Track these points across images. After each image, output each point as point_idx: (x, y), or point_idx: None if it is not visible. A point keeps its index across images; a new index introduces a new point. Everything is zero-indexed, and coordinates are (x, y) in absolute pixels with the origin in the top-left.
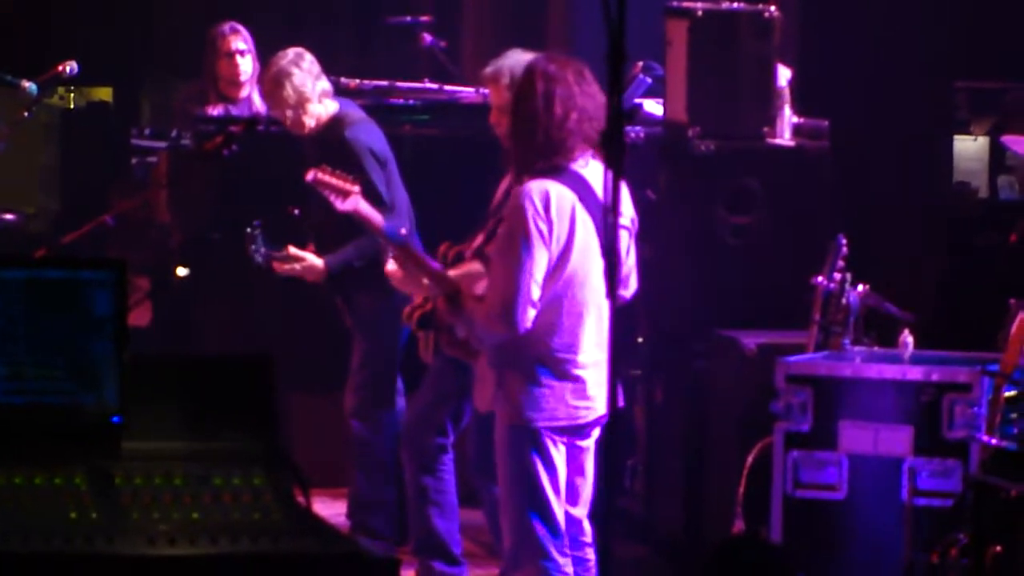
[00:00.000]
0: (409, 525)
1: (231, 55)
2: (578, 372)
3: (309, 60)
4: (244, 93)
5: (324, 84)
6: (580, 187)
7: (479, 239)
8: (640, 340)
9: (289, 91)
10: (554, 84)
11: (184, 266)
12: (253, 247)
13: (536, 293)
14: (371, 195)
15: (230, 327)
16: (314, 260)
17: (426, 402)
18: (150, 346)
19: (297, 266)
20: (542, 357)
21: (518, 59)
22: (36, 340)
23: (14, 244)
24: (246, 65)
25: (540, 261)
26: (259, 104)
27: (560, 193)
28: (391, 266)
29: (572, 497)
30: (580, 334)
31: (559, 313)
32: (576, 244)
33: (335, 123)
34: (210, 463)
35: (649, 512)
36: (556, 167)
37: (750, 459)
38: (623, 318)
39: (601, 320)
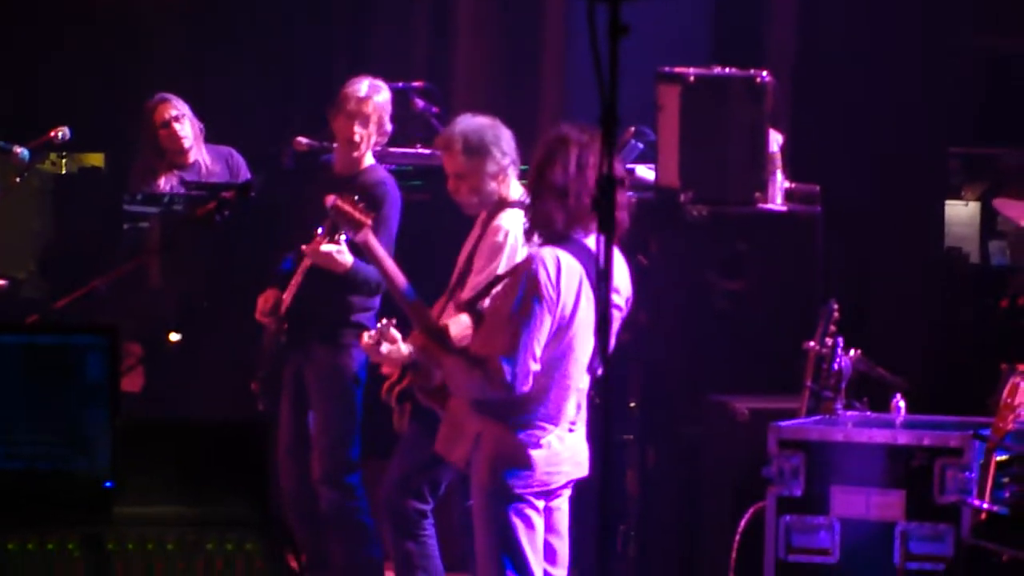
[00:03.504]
0: None
1: (167, 124)
2: (553, 440)
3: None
4: (192, 158)
5: (388, 128)
6: (586, 260)
7: (458, 295)
8: (632, 405)
9: (377, 104)
10: (587, 152)
11: (177, 332)
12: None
13: (536, 360)
14: (385, 240)
15: (223, 393)
16: (346, 252)
17: (402, 470)
18: (143, 412)
19: (334, 249)
20: (524, 423)
21: (469, 124)
22: (29, 406)
23: (6, 310)
24: (185, 130)
25: (544, 327)
26: (208, 167)
27: (570, 264)
28: (367, 339)
29: (550, 557)
30: (564, 408)
31: (550, 384)
32: (578, 317)
33: (373, 168)
34: (203, 528)
35: None
36: (568, 236)
37: (742, 524)
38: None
39: (581, 396)
